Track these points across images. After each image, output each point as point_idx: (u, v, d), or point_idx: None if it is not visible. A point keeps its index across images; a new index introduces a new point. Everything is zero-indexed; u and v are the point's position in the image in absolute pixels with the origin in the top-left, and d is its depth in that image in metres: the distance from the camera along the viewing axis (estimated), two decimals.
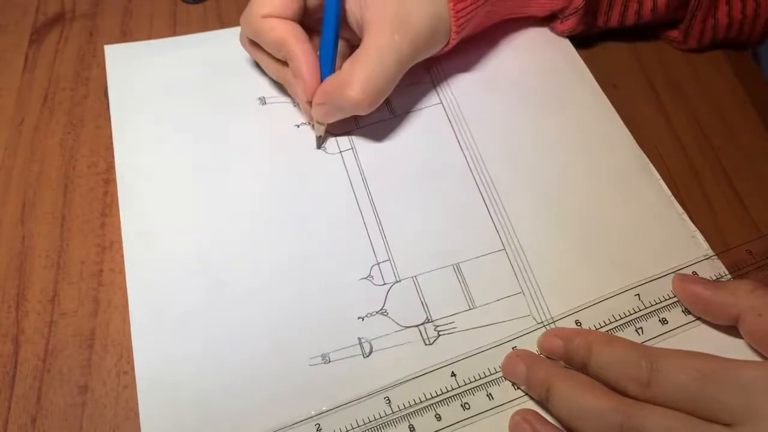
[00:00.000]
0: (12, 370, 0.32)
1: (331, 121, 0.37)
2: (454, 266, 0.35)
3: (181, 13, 0.46)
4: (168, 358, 0.32)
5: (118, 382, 0.32)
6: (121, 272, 0.35)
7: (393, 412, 0.31)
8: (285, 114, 0.41)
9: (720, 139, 0.41)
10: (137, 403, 0.31)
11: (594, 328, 0.33)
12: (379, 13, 0.35)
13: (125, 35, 0.45)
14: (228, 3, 0.47)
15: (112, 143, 0.39)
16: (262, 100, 0.41)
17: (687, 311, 0.33)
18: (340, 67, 0.36)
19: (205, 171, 0.38)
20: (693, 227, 0.36)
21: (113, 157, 0.38)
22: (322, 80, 0.36)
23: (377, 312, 0.33)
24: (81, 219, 0.37)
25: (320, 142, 0.39)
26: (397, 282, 0.35)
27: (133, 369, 0.32)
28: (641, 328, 0.33)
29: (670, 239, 0.36)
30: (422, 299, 0.34)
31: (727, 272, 0.35)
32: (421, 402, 0.31)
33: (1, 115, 0.41)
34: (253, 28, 0.37)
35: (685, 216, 0.37)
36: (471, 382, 0.31)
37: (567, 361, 0.31)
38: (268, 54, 0.38)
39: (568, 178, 0.38)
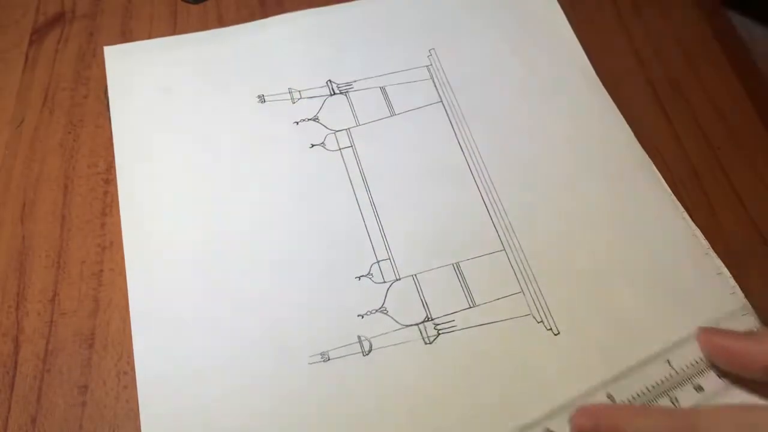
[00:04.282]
0: (12, 370, 0.32)
1: None
2: (454, 265, 0.35)
3: (181, 13, 0.46)
4: (168, 357, 0.32)
5: (118, 382, 0.32)
6: (121, 272, 0.35)
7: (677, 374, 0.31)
8: (284, 111, 0.40)
9: (720, 139, 0.41)
10: (137, 403, 0.31)
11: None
12: None
13: (125, 35, 0.45)
14: (228, 3, 0.47)
15: (112, 143, 0.39)
16: (261, 98, 0.41)
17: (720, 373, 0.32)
18: None
19: (205, 169, 0.38)
20: (693, 225, 0.36)
21: (113, 156, 0.38)
22: None
23: (377, 310, 0.34)
24: (81, 219, 0.37)
25: None
26: (397, 280, 0.35)
27: (133, 369, 0.32)
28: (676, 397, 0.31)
29: (670, 236, 0.36)
30: (422, 298, 0.34)
31: (727, 271, 0.35)
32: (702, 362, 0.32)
33: (1, 115, 0.41)
34: None
35: (686, 214, 0.37)
36: None
37: None
38: None
39: (568, 176, 0.38)
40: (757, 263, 0.36)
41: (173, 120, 0.40)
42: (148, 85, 0.41)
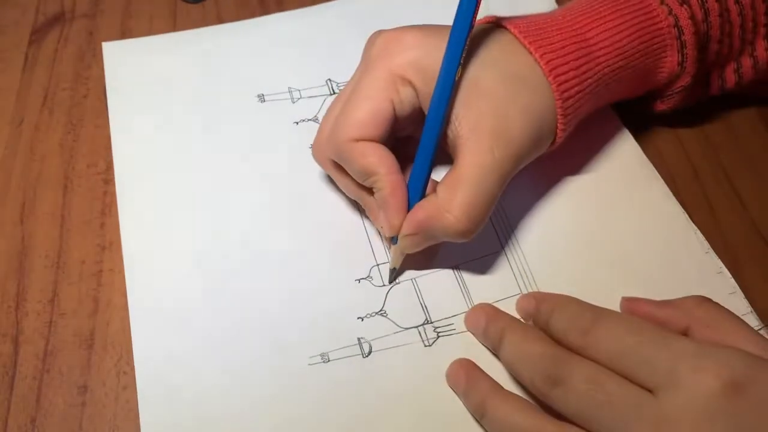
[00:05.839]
0: (12, 370, 0.32)
1: (418, 250, 0.33)
2: (453, 267, 0.35)
3: (181, 13, 0.46)
4: (168, 358, 0.32)
5: (118, 382, 0.32)
6: (121, 272, 0.35)
7: None
8: (284, 111, 0.40)
9: (720, 139, 0.41)
10: (137, 403, 0.31)
11: None
12: (475, 128, 0.31)
13: (125, 35, 0.45)
14: (227, 2, 0.47)
15: (111, 143, 0.39)
16: (261, 98, 0.41)
17: None
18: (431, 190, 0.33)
19: (204, 169, 0.38)
20: (694, 226, 0.36)
21: (113, 156, 0.38)
22: (409, 209, 0.32)
23: (377, 313, 0.33)
24: (81, 219, 0.37)
25: (394, 275, 0.35)
26: (396, 284, 0.35)
27: (133, 369, 0.32)
28: None
29: (671, 237, 0.36)
30: (421, 301, 0.34)
31: (727, 271, 0.35)
32: None
33: (1, 115, 0.41)
34: (340, 151, 0.32)
35: (686, 214, 0.37)
36: None
37: (535, 321, 0.31)
38: (351, 176, 0.34)
39: (567, 177, 0.38)
40: (757, 263, 0.36)
41: (172, 118, 0.40)
42: (147, 82, 0.41)
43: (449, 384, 0.32)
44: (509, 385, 0.31)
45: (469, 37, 0.30)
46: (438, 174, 0.33)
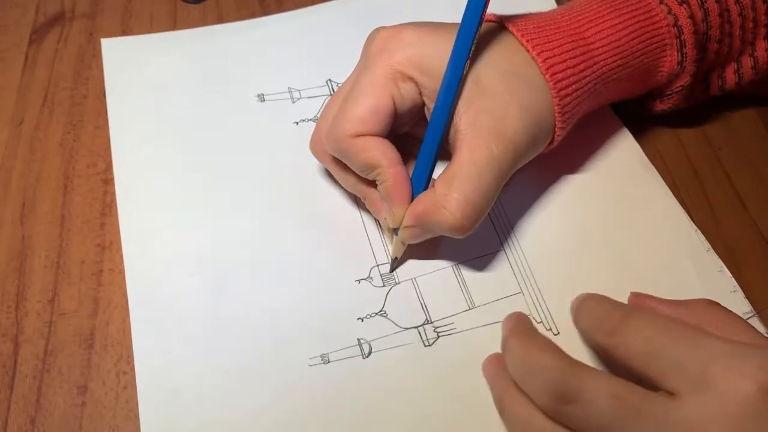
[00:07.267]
0: (12, 370, 0.32)
1: (417, 242, 0.33)
2: (453, 267, 0.35)
3: (181, 13, 0.46)
4: (168, 358, 0.32)
5: (118, 382, 0.32)
6: (121, 272, 0.35)
7: None
8: (284, 111, 0.41)
9: (720, 139, 0.41)
10: (137, 403, 0.31)
11: None
12: (474, 125, 0.31)
13: (125, 35, 0.45)
14: (227, 2, 0.47)
15: (111, 143, 0.39)
16: (261, 97, 0.41)
17: None
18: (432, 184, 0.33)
19: (204, 169, 0.38)
20: (694, 226, 0.36)
21: (113, 156, 0.38)
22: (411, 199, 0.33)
23: (377, 313, 0.33)
24: (81, 219, 0.37)
25: (396, 264, 0.35)
26: (396, 284, 0.35)
27: (133, 369, 0.32)
28: None
29: (671, 236, 0.36)
30: (421, 301, 0.34)
31: (727, 270, 0.35)
32: None
33: (1, 115, 0.41)
34: (340, 147, 0.32)
35: (686, 215, 0.37)
36: None
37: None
38: (350, 170, 0.34)
39: (567, 176, 0.38)
40: (757, 262, 0.36)
41: (172, 118, 0.40)
42: (146, 80, 0.41)
43: (484, 375, 0.32)
44: None
45: (478, 31, 0.31)
46: (440, 170, 0.33)
